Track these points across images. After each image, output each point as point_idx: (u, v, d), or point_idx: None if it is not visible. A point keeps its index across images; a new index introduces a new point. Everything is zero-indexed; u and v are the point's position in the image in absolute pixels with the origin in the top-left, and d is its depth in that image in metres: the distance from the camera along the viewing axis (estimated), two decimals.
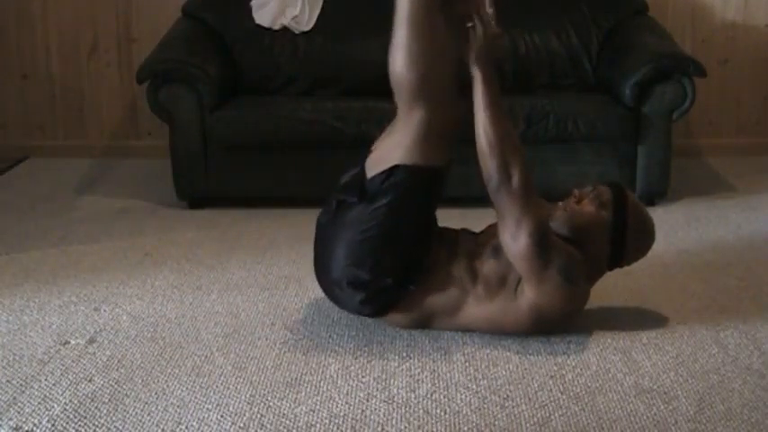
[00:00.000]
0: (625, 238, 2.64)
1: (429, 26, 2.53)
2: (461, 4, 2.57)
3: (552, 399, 2.35)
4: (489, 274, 2.59)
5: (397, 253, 2.57)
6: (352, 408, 2.31)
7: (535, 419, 2.26)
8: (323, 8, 4.36)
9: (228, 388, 2.41)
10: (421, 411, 2.30)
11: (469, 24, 2.51)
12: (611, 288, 2.96)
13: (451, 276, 2.62)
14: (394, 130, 2.63)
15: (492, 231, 2.71)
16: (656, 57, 3.88)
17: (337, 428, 2.22)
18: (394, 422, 2.25)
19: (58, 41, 4.72)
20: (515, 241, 2.49)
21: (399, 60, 2.56)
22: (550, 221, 2.61)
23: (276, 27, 4.32)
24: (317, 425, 2.23)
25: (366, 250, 2.56)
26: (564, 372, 2.49)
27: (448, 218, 2.99)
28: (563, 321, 2.63)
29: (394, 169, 2.56)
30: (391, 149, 2.59)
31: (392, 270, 2.57)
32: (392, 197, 2.55)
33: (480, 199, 2.87)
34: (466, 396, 2.37)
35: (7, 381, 2.45)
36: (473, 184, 2.98)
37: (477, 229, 2.81)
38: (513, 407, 2.31)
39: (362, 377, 2.47)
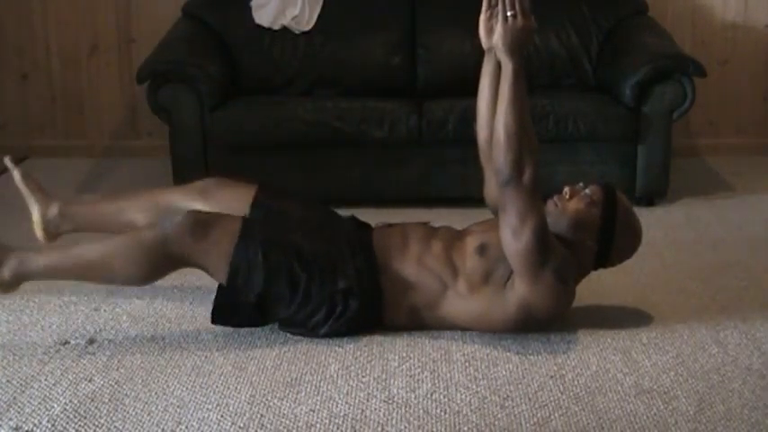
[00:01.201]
0: (613, 238, 2.63)
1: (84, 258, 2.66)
2: None
3: (552, 399, 2.35)
4: (472, 272, 2.59)
5: (320, 284, 2.60)
6: (352, 408, 2.31)
7: (535, 419, 2.26)
8: (323, 8, 4.36)
9: (228, 388, 2.41)
10: (421, 411, 2.30)
11: (510, 13, 2.43)
12: (611, 288, 2.96)
13: (427, 270, 2.62)
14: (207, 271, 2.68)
15: (478, 229, 2.71)
16: (655, 57, 3.88)
17: (337, 428, 2.22)
18: (394, 422, 2.25)
19: (57, 41, 4.72)
20: (517, 237, 2.47)
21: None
22: None
23: (276, 27, 4.32)
24: (317, 425, 2.23)
25: (304, 306, 2.61)
26: (564, 372, 2.48)
27: (448, 218, 3.00)
28: (549, 320, 2.63)
29: (231, 277, 2.60)
30: (214, 275, 2.65)
31: (330, 294, 2.60)
32: (262, 280, 2.58)
33: (480, 200, 2.87)
34: (466, 396, 2.37)
35: (7, 381, 2.45)
36: (473, 184, 2.98)
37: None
38: (513, 407, 2.31)
39: (362, 377, 2.46)
